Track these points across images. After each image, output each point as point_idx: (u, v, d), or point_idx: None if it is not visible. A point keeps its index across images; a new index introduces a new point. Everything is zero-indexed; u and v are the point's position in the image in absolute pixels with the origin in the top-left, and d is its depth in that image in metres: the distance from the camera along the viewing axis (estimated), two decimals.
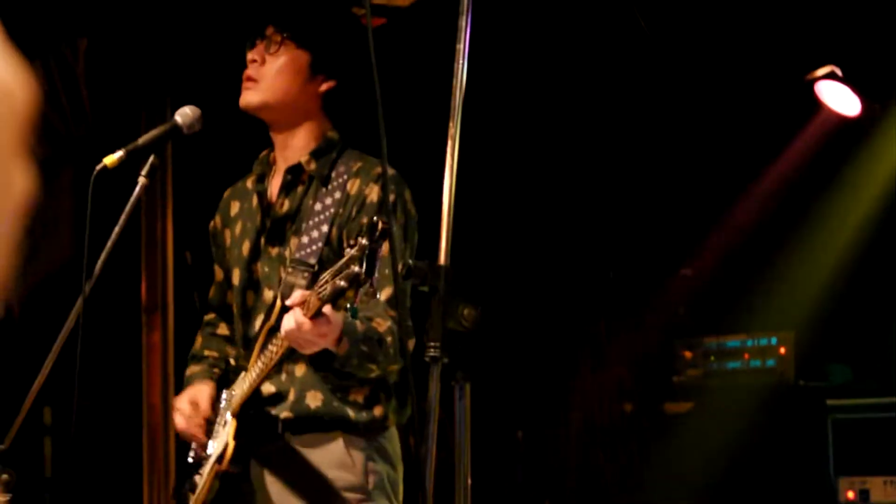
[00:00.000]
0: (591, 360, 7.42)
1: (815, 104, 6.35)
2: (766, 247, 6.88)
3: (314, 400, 3.66)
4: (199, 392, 3.94)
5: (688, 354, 6.83)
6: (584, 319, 7.43)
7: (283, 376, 3.72)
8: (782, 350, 6.49)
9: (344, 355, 3.46)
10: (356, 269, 2.99)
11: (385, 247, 3.51)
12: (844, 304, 6.48)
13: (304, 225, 3.73)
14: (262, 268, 3.82)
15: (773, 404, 6.40)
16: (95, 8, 6.90)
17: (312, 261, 3.65)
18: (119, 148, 3.56)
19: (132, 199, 3.59)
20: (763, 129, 6.68)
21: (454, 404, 2.40)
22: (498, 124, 6.51)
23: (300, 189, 3.80)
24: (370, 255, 2.98)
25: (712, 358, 6.74)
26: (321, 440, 3.70)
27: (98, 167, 3.51)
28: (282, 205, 3.81)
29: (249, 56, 3.86)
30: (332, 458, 3.68)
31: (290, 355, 3.56)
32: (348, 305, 3.08)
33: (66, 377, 3.51)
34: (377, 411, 3.70)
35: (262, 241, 3.83)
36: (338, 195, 3.71)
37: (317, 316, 3.23)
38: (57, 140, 8.07)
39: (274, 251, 3.80)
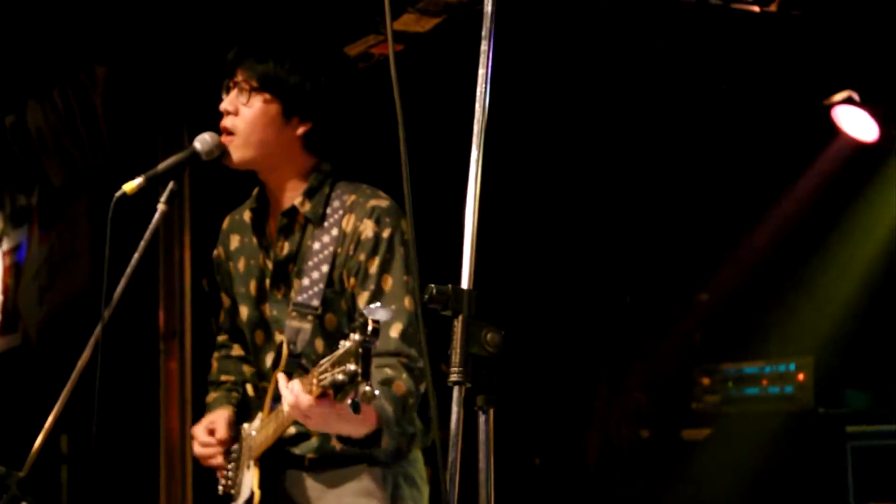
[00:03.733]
0: (609, 386, 7.40)
1: (833, 129, 6.34)
2: (784, 272, 6.86)
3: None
4: (217, 418, 3.94)
5: (706, 381, 6.81)
6: (602, 345, 7.42)
7: None
8: (801, 376, 6.46)
9: (388, 448, 3.50)
10: (352, 367, 3.02)
11: (389, 281, 3.58)
12: (863, 329, 6.46)
13: (304, 266, 3.72)
14: (271, 311, 3.82)
15: (791, 431, 6.37)
16: (113, 37, 6.92)
17: (315, 303, 3.65)
18: (136, 175, 3.56)
19: (151, 225, 3.59)
20: (781, 153, 6.67)
21: (477, 430, 2.38)
22: (518, 150, 6.51)
23: (297, 231, 3.78)
24: (364, 353, 3.00)
25: (730, 384, 6.71)
26: (347, 475, 3.71)
27: (117, 194, 3.51)
28: (282, 248, 3.80)
29: (223, 105, 3.81)
30: (358, 487, 3.69)
31: None
32: (349, 401, 3.10)
33: (82, 404, 3.50)
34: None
35: (268, 283, 3.82)
36: (335, 232, 3.70)
37: (321, 396, 3.24)
38: (74, 168, 8.09)
39: (279, 294, 3.80)
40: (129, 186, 3.53)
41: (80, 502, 8.24)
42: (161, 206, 3.60)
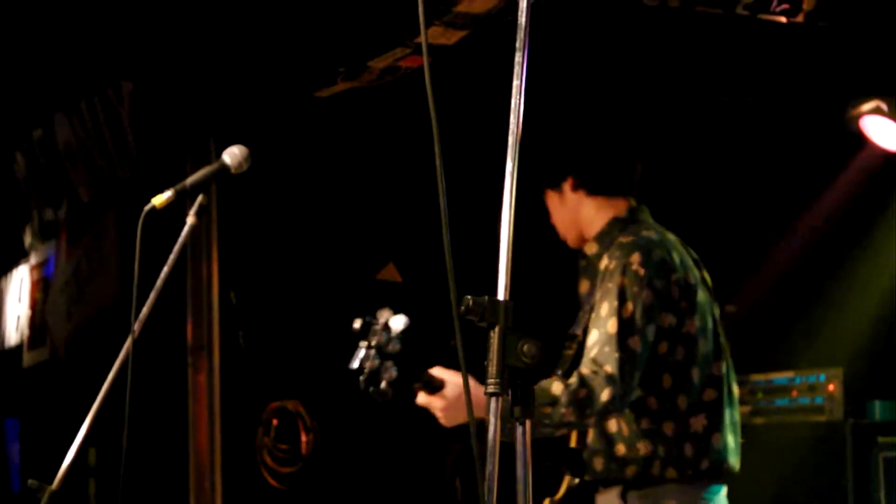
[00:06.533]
0: None
1: (861, 139, 6.32)
2: (813, 282, 6.83)
3: None
4: None
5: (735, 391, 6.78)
6: None
7: None
8: (831, 387, 6.43)
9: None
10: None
11: (599, 292, 4.08)
12: (893, 339, 6.43)
13: None
14: None
15: (821, 441, 6.34)
16: (140, 51, 6.95)
17: None
18: (163, 189, 3.57)
19: (181, 238, 3.59)
20: (808, 164, 6.65)
21: (515, 441, 2.39)
22: (535, 161, 6.50)
23: None
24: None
25: (760, 395, 6.69)
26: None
27: (147, 207, 3.52)
28: None
29: None
30: None
31: None
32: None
33: (109, 418, 3.51)
34: None
35: None
36: None
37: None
38: (102, 181, 8.12)
39: None
40: (159, 200, 3.54)
41: None
42: (191, 219, 3.61)
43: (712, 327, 4.27)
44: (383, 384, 3.91)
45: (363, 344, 3.99)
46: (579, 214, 4.40)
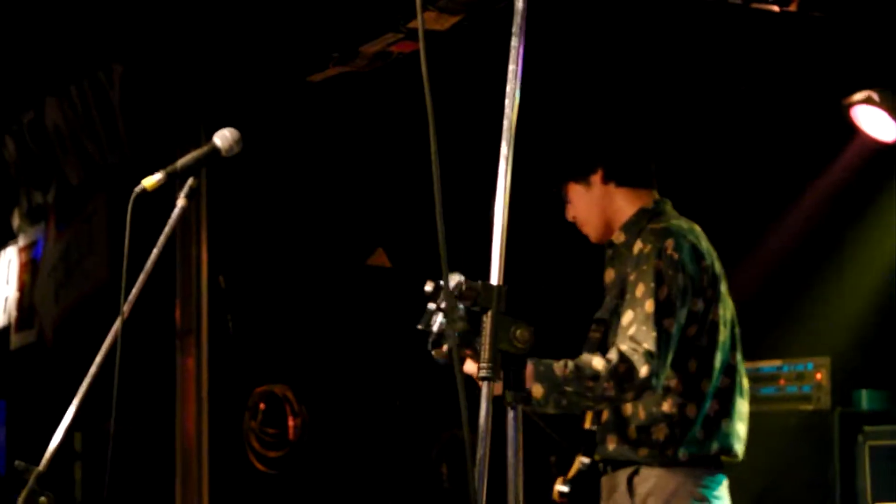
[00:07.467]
0: None
1: (852, 129, 6.32)
2: (802, 271, 6.84)
3: None
4: None
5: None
6: None
7: None
8: (818, 376, 6.44)
9: (540, 400, 3.94)
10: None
11: (634, 275, 4.14)
12: (881, 328, 6.44)
13: None
14: None
15: (808, 430, 6.35)
16: (130, 34, 6.93)
17: None
18: (153, 173, 3.55)
19: (171, 221, 3.56)
20: (799, 153, 6.65)
21: (505, 426, 2.39)
22: (532, 151, 6.49)
23: None
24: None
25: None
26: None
27: (137, 189, 3.49)
28: None
29: None
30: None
31: None
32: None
33: (95, 401, 3.50)
34: None
35: None
36: None
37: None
38: (91, 165, 8.10)
39: None
40: (149, 182, 3.51)
41: (94, 499, 8.25)
42: (181, 202, 3.58)
43: (730, 317, 4.34)
44: (446, 348, 3.94)
45: (431, 306, 3.97)
46: (608, 206, 4.43)
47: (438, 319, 3.90)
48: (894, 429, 6.11)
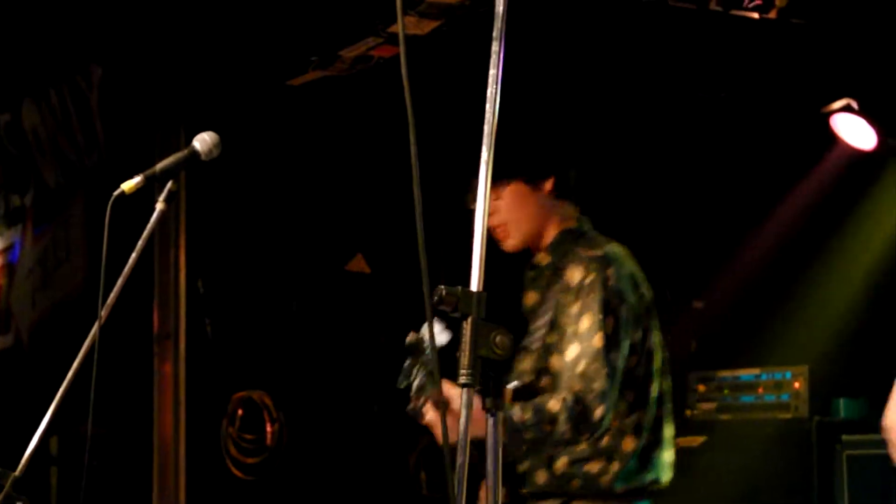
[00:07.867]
0: None
1: (831, 137, 6.33)
2: (781, 280, 6.85)
3: None
4: None
5: (701, 388, 6.79)
6: None
7: None
8: (797, 384, 6.45)
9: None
10: None
11: (577, 306, 4.01)
12: (860, 337, 6.44)
13: None
14: None
15: (786, 439, 6.35)
16: (109, 36, 6.90)
17: None
18: (132, 176, 3.53)
19: (150, 225, 3.55)
20: (778, 161, 6.66)
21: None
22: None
23: None
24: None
25: (726, 391, 6.70)
26: None
27: (115, 193, 3.48)
28: None
29: None
30: None
31: None
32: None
33: (71, 406, 3.48)
34: None
35: None
36: None
37: None
38: (69, 168, 8.07)
39: None
40: (128, 185, 3.49)
41: None
42: (160, 206, 3.56)
43: (659, 341, 4.23)
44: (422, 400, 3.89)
45: (411, 361, 3.89)
46: (546, 215, 4.25)
47: (417, 374, 3.87)
48: (872, 438, 6.10)
